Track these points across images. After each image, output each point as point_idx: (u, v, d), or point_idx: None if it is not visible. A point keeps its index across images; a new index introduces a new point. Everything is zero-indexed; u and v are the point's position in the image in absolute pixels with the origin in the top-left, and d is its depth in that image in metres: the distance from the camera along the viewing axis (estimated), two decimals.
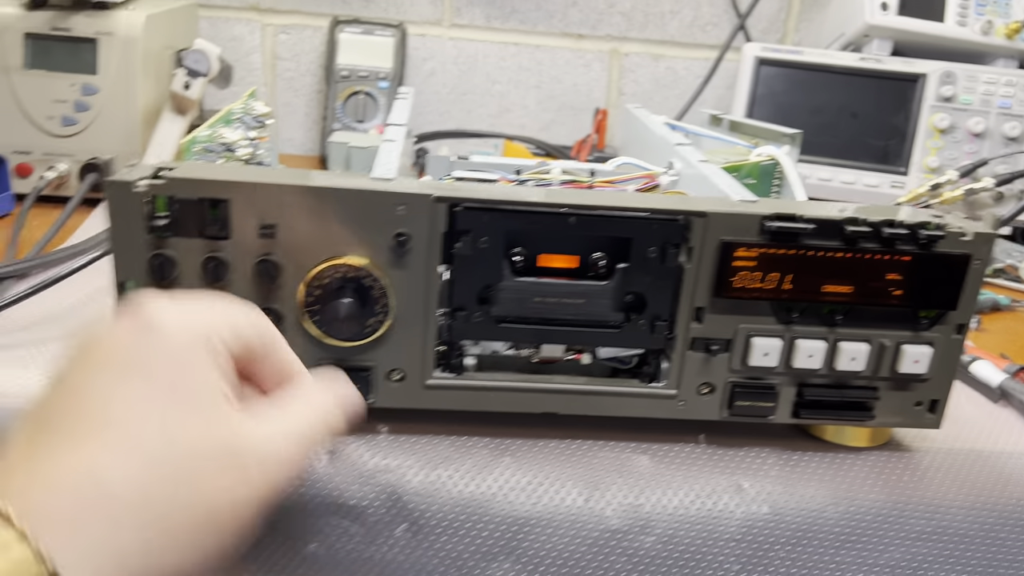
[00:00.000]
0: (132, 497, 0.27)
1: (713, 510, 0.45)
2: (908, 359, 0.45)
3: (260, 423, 0.33)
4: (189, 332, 0.31)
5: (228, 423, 0.31)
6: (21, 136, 0.77)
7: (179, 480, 0.29)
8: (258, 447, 0.32)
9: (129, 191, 0.40)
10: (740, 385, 0.46)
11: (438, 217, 0.42)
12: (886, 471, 0.48)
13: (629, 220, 0.42)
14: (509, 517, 0.45)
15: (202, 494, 0.29)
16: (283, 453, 0.33)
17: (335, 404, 0.36)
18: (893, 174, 0.92)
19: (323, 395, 0.36)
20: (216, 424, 0.30)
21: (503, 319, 0.45)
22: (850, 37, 0.95)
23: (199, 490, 0.29)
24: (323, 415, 0.36)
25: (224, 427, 0.31)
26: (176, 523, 0.28)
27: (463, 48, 1.08)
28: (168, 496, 0.28)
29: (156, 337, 0.30)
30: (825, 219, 0.42)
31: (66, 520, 0.26)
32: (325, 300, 0.42)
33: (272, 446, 0.32)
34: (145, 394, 0.29)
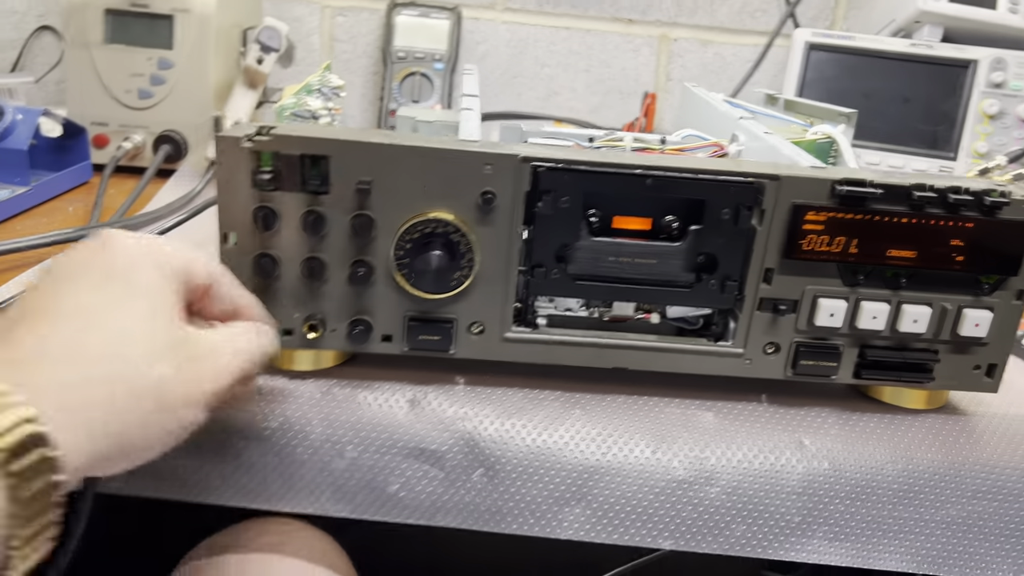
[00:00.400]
0: (99, 365, 0.31)
1: (775, 464, 0.47)
2: (969, 323, 0.46)
3: (206, 331, 0.37)
4: (142, 252, 0.35)
5: (174, 320, 0.35)
6: (100, 108, 0.81)
7: (137, 356, 0.32)
8: (202, 343, 0.36)
9: (237, 146, 0.42)
10: (805, 345, 0.47)
11: (522, 177, 0.44)
12: (943, 432, 0.50)
13: (705, 182, 0.44)
14: (580, 465, 0.47)
15: (154, 371, 0.32)
16: (226, 350, 0.37)
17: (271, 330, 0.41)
18: (942, 159, 0.93)
19: (263, 321, 0.41)
20: (165, 319, 0.34)
21: (579, 277, 0.47)
22: (901, 23, 0.96)
23: (152, 366, 0.32)
24: (261, 334, 0.40)
25: (172, 323, 0.35)
26: (135, 396, 0.32)
27: (515, 31, 1.10)
28: (128, 368, 0.32)
29: (113, 251, 0.35)
30: (893, 185, 0.44)
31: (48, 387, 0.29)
32: (415, 253, 0.44)
33: (215, 345, 0.36)
34: (104, 290, 0.33)
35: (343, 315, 0.46)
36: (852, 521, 0.48)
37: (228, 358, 0.37)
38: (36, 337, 0.30)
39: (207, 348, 0.36)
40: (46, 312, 0.32)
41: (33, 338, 0.30)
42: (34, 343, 0.30)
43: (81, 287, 0.33)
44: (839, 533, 0.48)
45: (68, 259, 0.34)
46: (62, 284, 0.33)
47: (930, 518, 0.48)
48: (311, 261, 0.44)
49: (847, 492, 0.47)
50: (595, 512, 0.47)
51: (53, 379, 0.29)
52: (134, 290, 0.34)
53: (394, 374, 0.49)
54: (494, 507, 0.47)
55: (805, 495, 0.47)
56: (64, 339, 0.31)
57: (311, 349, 0.48)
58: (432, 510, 0.47)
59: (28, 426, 0.27)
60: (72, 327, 0.31)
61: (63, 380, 0.30)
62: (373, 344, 0.47)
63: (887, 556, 0.48)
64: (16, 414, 0.27)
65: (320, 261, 0.44)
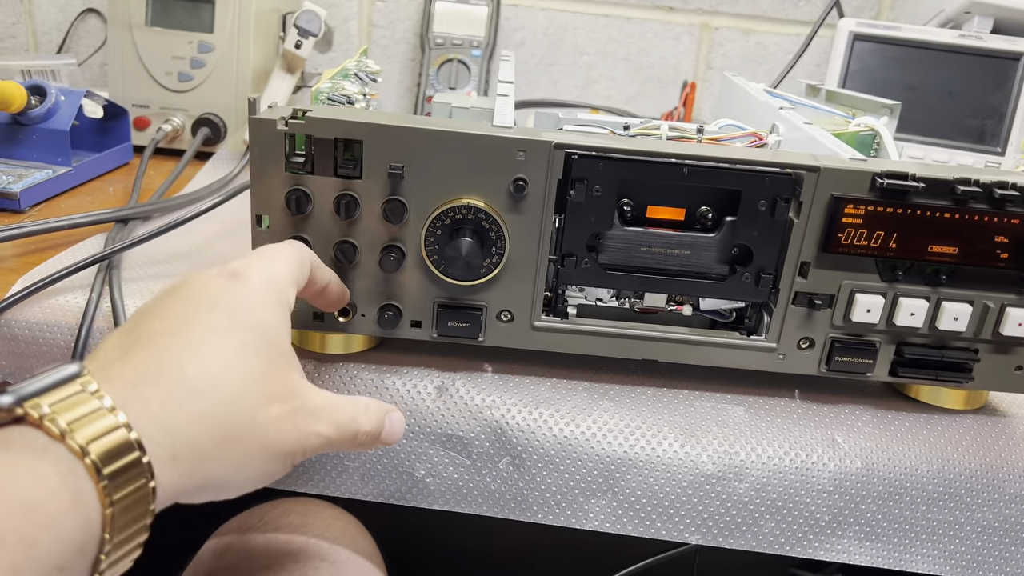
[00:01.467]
0: (206, 392, 0.31)
1: (807, 462, 0.47)
2: (1012, 322, 0.45)
3: (316, 390, 0.36)
4: (270, 287, 0.36)
5: (288, 369, 0.35)
6: (141, 90, 0.82)
7: (244, 395, 0.32)
8: (308, 399, 0.35)
9: (272, 129, 0.42)
10: (840, 341, 0.47)
11: (555, 164, 0.43)
12: (981, 434, 0.49)
13: (742, 173, 0.44)
14: (607, 457, 0.47)
15: (258, 413, 0.32)
16: (326, 416, 0.35)
17: (378, 420, 0.39)
18: (988, 154, 0.90)
19: (376, 410, 0.39)
20: (280, 365, 0.34)
21: (610, 267, 0.46)
22: (949, 14, 0.93)
23: (257, 408, 0.32)
24: (364, 422, 0.38)
25: (285, 370, 0.34)
26: (235, 431, 0.31)
27: (553, 19, 1.09)
28: (233, 405, 0.32)
29: (240, 285, 0.35)
30: (936, 178, 0.43)
31: (153, 400, 0.29)
32: (446, 239, 0.44)
33: (319, 406, 0.35)
34: (227, 324, 0.33)
35: (373, 300, 0.46)
36: (884, 522, 0.47)
37: (329, 428, 0.36)
38: (154, 363, 0.31)
39: (319, 405, 0.35)
40: (169, 338, 0.32)
41: (150, 363, 0.31)
42: (149, 368, 0.30)
43: (207, 321, 0.33)
44: (870, 533, 0.47)
45: (200, 287, 0.34)
46: (190, 312, 0.33)
47: (964, 521, 0.47)
48: (343, 245, 0.45)
49: (880, 492, 0.47)
50: (621, 504, 0.47)
51: (162, 408, 0.30)
52: (257, 334, 0.34)
53: (422, 360, 0.49)
54: (520, 496, 0.47)
55: (836, 494, 0.47)
56: (179, 371, 0.31)
57: (341, 333, 0.48)
58: (458, 496, 0.47)
59: (124, 431, 0.28)
60: (190, 360, 0.31)
61: (171, 410, 0.30)
62: (403, 330, 0.47)
63: (919, 558, 0.47)
64: (115, 419, 0.28)
65: (352, 245, 0.45)
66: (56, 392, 0.28)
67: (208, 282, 0.34)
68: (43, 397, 0.28)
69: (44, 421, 0.27)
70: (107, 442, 0.27)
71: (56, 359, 0.49)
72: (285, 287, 0.37)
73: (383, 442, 0.39)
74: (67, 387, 0.28)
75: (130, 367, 0.30)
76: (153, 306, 0.34)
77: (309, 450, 0.35)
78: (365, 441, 0.38)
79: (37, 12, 1.10)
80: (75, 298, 0.51)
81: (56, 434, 0.27)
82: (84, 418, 0.27)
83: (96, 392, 0.28)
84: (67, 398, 0.28)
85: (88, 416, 0.27)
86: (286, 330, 0.36)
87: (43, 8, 1.09)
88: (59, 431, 0.27)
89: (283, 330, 0.35)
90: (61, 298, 0.51)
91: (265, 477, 0.34)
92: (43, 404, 0.27)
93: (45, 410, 0.27)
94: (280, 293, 0.36)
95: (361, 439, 0.37)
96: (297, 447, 0.34)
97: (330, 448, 0.36)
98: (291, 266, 0.38)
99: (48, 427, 0.27)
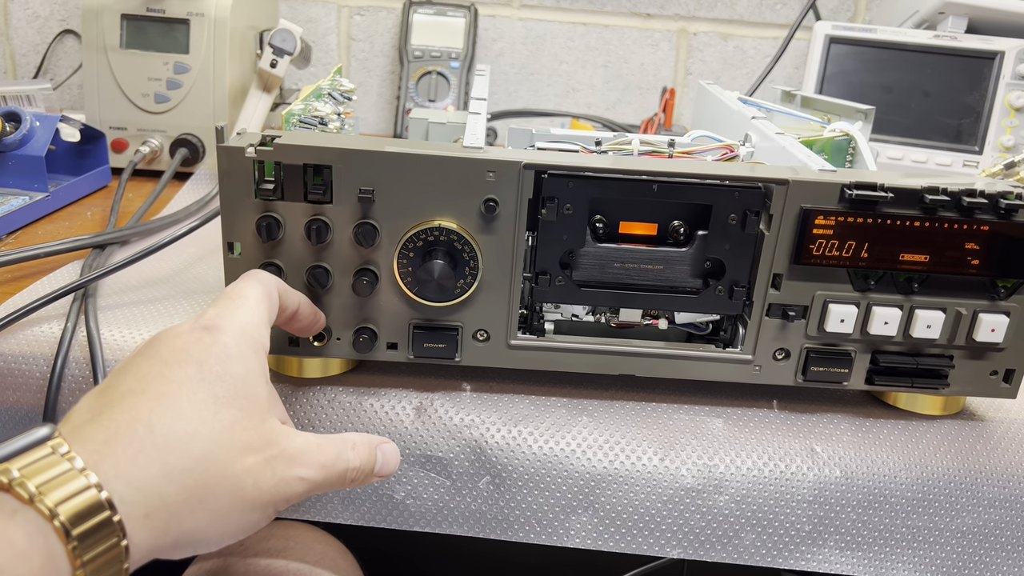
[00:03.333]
0: (177, 448, 0.31)
1: (786, 472, 0.47)
2: (985, 328, 0.45)
3: (296, 433, 0.36)
4: (243, 336, 0.35)
5: (263, 417, 0.34)
6: (118, 112, 0.81)
7: (216, 449, 0.32)
8: (286, 445, 0.35)
9: (240, 156, 0.42)
10: (815, 351, 0.47)
11: (526, 184, 0.44)
12: (959, 439, 0.49)
13: (711, 187, 0.44)
14: (587, 473, 0.47)
15: (231, 466, 0.32)
16: (308, 460, 0.35)
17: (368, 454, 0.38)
18: (966, 153, 0.90)
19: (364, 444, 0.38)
20: (253, 414, 0.34)
21: (584, 284, 0.46)
22: (924, 15, 0.94)
23: (230, 460, 0.32)
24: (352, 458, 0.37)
25: (259, 419, 0.34)
26: (209, 486, 0.31)
27: (532, 28, 1.09)
28: (205, 459, 0.31)
29: (212, 338, 0.34)
30: (904, 188, 0.43)
31: (123, 458, 0.29)
32: (418, 261, 0.44)
33: (298, 450, 0.35)
34: (197, 378, 0.33)
35: (348, 323, 0.46)
36: (864, 530, 0.47)
37: (312, 470, 0.35)
38: (124, 421, 0.31)
39: (299, 449, 0.35)
40: (139, 396, 0.32)
41: (121, 422, 0.31)
42: (120, 427, 0.30)
43: (177, 376, 0.33)
44: (851, 543, 0.47)
45: (171, 342, 0.34)
46: (160, 368, 0.33)
47: (945, 527, 0.47)
48: (315, 270, 0.44)
49: (859, 500, 0.47)
50: (602, 520, 0.47)
51: (132, 466, 0.29)
52: (229, 385, 0.33)
53: (401, 381, 0.49)
54: (500, 515, 0.47)
55: (816, 503, 0.47)
56: (149, 428, 0.31)
57: (318, 357, 0.48)
58: (438, 518, 0.47)
59: (94, 492, 0.28)
60: (159, 416, 0.31)
61: (142, 468, 0.30)
62: (379, 352, 0.47)
63: (900, 566, 0.47)
64: (85, 480, 0.28)
65: (324, 270, 0.45)
66: (27, 456, 0.28)
67: (179, 337, 0.34)
68: (13, 462, 0.28)
69: (13, 486, 0.27)
70: (76, 503, 0.27)
71: (32, 391, 0.49)
72: (259, 333, 0.37)
73: (378, 475, 0.39)
74: (38, 450, 0.29)
75: (101, 427, 0.30)
76: (125, 365, 0.34)
77: (292, 496, 0.34)
78: (357, 477, 0.37)
79: (14, 35, 1.09)
80: (51, 328, 0.51)
81: (25, 498, 0.27)
82: (53, 480, 0.28)
83: (67, 454, 0.29)
84: (37, 461, 0.28)
85: (58, 478, 0.28)
86: (262, 376, 0.36)
87: (20, 30, 1.09)
88: (28, 495, 0.27)
89: (258, 377, 0.35)
90: (37, 328, 0.51)
91: (244, 529, 0.33)
92: (12, 469, 0.27)
93: (15, 475, 0.27)
94: (255, 340, 0.36)
95: (352, 476, 0.37)
96: (278, 495, 0.34)
97: (319, 490, 0.36)
98: (261, 307, 0.38)
99: (17, 491, 0.27)
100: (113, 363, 0.49)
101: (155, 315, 0.53)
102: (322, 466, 0.36)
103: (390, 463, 0.39)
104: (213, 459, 0.32)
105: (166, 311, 0.54)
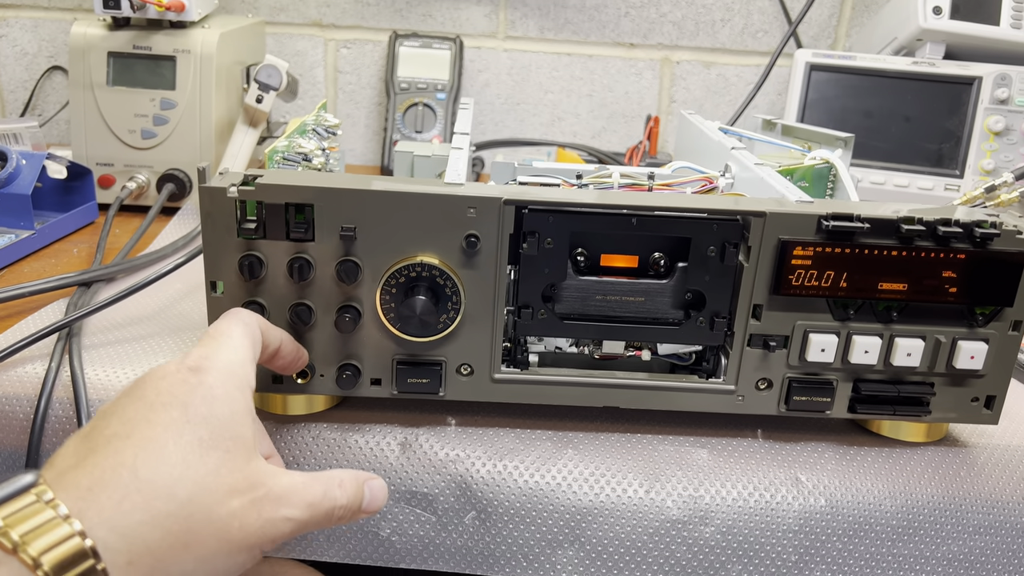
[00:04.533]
0: (162, 493, 0.31)
1: (771, 502, 0.47)
2: (964, 355, 0.46)
3: (282, 472, 0.35)
4: (229, 376, 0.35)
5: (249, 457, 0.34)
6: (104, 148, 0.82)
7: (201, 492, 0.32)
8: (272, 486, 0.34)
9: (222, 196, 0.43)
10: (797, 380, 0.47)
11: (506, 219, 0.44)
12: (943, 466, 0.49)
13: (689, 220, 0.44)
14: (573, 507, 0.47)
15: (217, 509, 0.32)
16: (294, 499, 0.35)
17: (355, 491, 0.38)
18: (947, 177, 0.91)
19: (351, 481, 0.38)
20: (239, 455, 0.34)
21: (567, 316, 0.47)
22: (902, 41, 0.95)
23: (216, 504, 0.32)
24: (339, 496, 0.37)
25: (245, 459, 0.34)
26: (194, 531, 0.31)
27: (517, 59, 1.10)
28: (190, 503, 0.31)
29: (198, 379, 0.35)
30: (881, 218, 0.44)
31: (108, 505, 0.29)
32: (401, 298, 0.44)
33: (284, 489, 0.35)
34: (182, 420, 0.33)
35: (332, 360, 0.46)
36: (851, 559, 0.47)
37: (298, 510, 0.35)
38: (109, 467, 0.31)
39: (285, 489, 0.35)
40: (124, 440, 0.32)
41: (106, 468, 0.31)
42: (105, 473, 0.30)
43: (161, 419, 0.33)
44: (837, 571, 0.47)
45: (157, 384, 0.34)
46: (145, 411, 0.33)
47: (931, 555, 0.47)
48: (298, 307, 0.45)
49: (845, 529, 0.47)
50: (588, 554, 0.47)
51: (117, 512, 0.29)
52: (214, 427, 0.33)
53: (385, 416, 0.49)
54: (487, 550, 0.47)
55: (802, 533, 0.47)
56: (133, 474, 0.31)
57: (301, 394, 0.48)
58: (424, 554, 0.47)
59: (78, 540, 0.28)
60: (144, 462, 0.31)
61: (126, 514, 0.30)
62: (362, 388, 0.47)
63: None
64: (69, 527, 0.28)
65: (307, 307, 0.45)
66: (11, 504, 0.28)
67: (164, 379, 0.34)
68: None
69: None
70: (60, 552, 0.27)
71: (15, 432, 0.48)
72: (245, 371, 0.37)
73: (365, 512, 0.39)
74: (22, 498, 0.29)
75: (85, 472, 0.30)
76: (111, 407, 0.34)
77: (278, 537, 0.34)
78: (344, 515, 0.37)
79: (3, 71, 1.10)
80: (35, 368, 0.51)
81: (9, 548, 0.27)
82: (37, 529, 0.28)
83: (51, 501, 0.29)
84: (21, 509, 0.28)
85: (42, 527, 0.28)
86: (247, 415, 0.36)
87: (8, 67, 1.10)
88: (11, 544, 0.27)
89: (243, 416, 0.35)
90: (21, 369, 0.50)
91: (231, 572, 0.33)
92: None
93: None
94: (240, 379, 0.36)
95: (339, 514, 0.37)
96: (264, 537, 0.34)
97: (305, 529, 0.36)
98: (245, 344, 0.38)
99: (1, 542, 0.27)
100: (97, 403, 0.49)
101: (140, 353, 0.53)
102: (308, 505, 0.35)
103: (377, 499, 0.39)
104: (198, 503, 0.32)
105: (151, 349, 0.54)
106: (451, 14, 1.09)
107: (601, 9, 1.08)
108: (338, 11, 1.08)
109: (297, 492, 0.35)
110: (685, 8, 1.08)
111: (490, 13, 1.09)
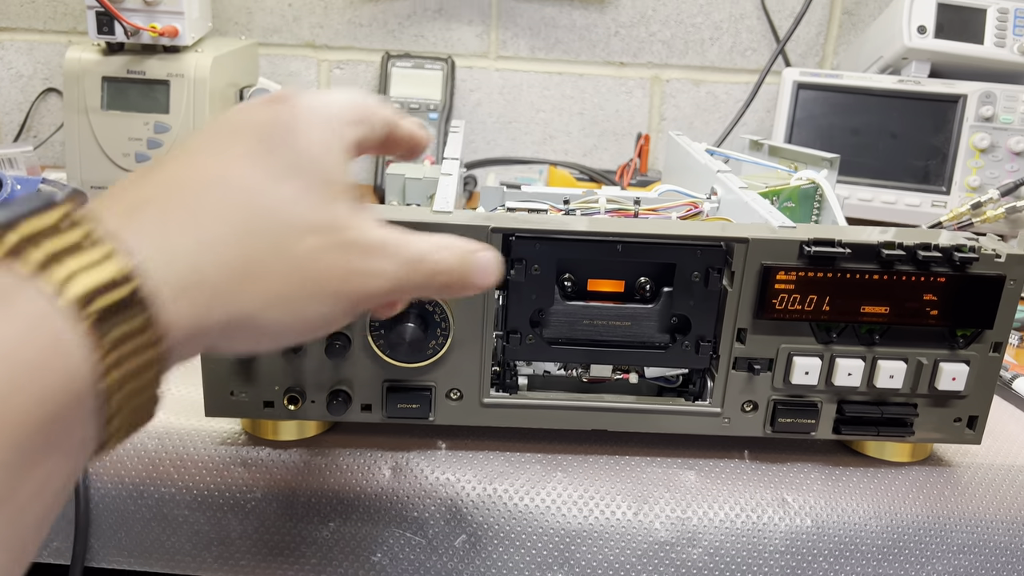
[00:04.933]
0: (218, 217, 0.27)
1: (758, 523, 0.47)
2: (946, 376, 0.46)
3: (374, 224, 0.31)
4: (316, 112, 0.31)
5: (333, 196, 0.30)
6: (99, 172, 0.82)
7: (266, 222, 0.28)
8: (363, 232, 0.30)
9: None
10: (782, 403, 0.48)
11: (494, 246, 0.44)
12: (927, 485, 0.50)
13: (673, 247, 0.45)
14: (562, 529, 0.47)
15: (288, 244, 0.28)
16: (389, 251, 0.30)
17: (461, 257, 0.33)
18: (934, 193, 0.93)
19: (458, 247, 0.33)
20: (322, 191, 0.29)
21: (554, 341, 0.47)
22: (888, 60, 0.96)
23: (285, 237, 0.28)
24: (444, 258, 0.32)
25: (328, 197, 0.30)
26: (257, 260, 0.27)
27: (508, 78, 1.11)
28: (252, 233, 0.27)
29: (280, 109, 0.30)
30: (862, 243, 0.44)
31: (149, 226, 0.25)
32: (390, 325, 0.45)
33: (377, 240, 0.30)
34: (253, 143, 0.29)
35: (322, 386, 0.47)
36: None
37: (393, 264, 0.30)
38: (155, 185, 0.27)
39: (377, 240, 0.30)
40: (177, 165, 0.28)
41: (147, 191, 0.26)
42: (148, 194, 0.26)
43: (227, 145, 0.28)
44: None
45: (232, 116, 0.30)
46: (210, 139, 0.29)
47: (916, 574, 0.48)
48: None
49: (831, 550, 0.47)
50: None
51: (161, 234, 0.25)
52: (292, 157, 0.29)
53: (376, 441, 0.50)
54: (477, 574, 0.47)
55: (788, 554, 0.47)
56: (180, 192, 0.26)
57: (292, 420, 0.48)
58: None
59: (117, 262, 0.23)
60: (196, 182, 0.27)
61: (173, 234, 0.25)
62: (352, 414, 0.47)
63: None
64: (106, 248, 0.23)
65: None
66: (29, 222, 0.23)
67: (242, 112, 0.30)
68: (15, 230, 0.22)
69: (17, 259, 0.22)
70: (92, 279, 0.22)
71: None
72: (341, 120, 0.32)
73: (473, 285, 0.33)
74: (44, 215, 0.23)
75: (127, 195, 0.26)
76: (184, 144, 0.29)
77: (371, 292, 0.30)
78: (449, 283, 0.32)
79: None
80: None
81: (26, 273, 0.22)
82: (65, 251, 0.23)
83: (79, 221, 0.23)
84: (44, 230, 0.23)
85: (70, 248, 0.23)
86: (339, 155, 0.31)
87: (3, 89, 1.11)
88: (29, 268, 0.22)
89: (329, 156, 0.30)
90: None
91: (313, 321, 0.29)
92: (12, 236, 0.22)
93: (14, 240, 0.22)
94: (332, 120, 0.31)
95: (442, 280, 0.32)
96: (351, 288, 0.29)
97: (402, 290, 0.31)
98: (350, 104, 0.33)
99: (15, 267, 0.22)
100: None
101: None
102: (406, 261, 0.31)
103: (490, 272, 0.33)
104: (262, 233, 0.27)
105: None
106: (443, 35, 1.10)
107: (591, 29, 1.10)
108: (331, 32, 1.09)
109: (393, 244, 0.31)
110: (674, 27, 1.10)
111: (481, 33, 1.10)
